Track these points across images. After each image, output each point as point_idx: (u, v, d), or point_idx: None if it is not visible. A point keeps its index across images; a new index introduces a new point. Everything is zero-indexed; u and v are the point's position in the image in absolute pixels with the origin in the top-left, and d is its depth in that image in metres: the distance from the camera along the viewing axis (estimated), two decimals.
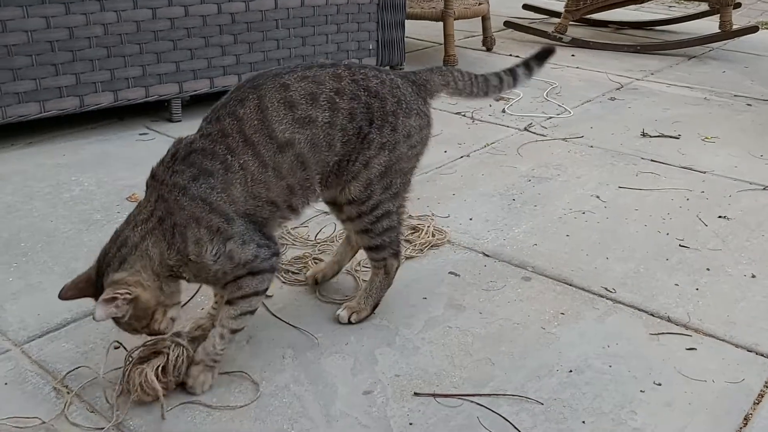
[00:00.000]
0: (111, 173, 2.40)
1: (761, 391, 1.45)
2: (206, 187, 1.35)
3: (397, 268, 1.65)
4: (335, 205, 1.62)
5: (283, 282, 1.79)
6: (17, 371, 1.44)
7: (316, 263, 1.86)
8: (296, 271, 1.83)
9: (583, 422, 1.36)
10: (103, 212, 2.12)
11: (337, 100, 1.44)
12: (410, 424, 1.34)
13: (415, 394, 1.41)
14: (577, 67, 3.97)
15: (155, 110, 2.95)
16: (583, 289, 1.80)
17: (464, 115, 3.10)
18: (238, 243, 1.37)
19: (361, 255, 1.90)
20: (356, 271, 1.83)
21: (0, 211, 2.11)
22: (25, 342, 1.53)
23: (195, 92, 2.87)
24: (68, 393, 1.38)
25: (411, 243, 1.97)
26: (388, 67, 1.45)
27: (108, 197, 2.22)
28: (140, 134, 2.77)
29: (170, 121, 2.88)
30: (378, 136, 1.47)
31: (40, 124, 2.66)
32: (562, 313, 1.70)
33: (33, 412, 1.33)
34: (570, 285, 1.82)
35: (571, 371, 1.49)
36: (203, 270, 1.36)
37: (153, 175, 1.40)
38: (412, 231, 2.04)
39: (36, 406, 1.35)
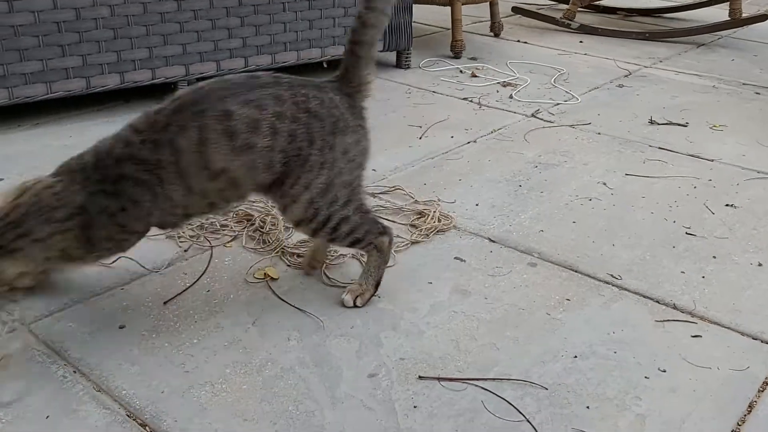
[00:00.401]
0: None
1: (766, 378, 1.45)
2: (132, 217, 1.43)
3: (389, 243, 1.63)
4: None
5: (288, 265, 1.79)
6: (24, 350, 1.45)
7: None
8: (302, 254, 1.82)
9: (588, 407, 1.36)
10: None
11: (278, 125, 1.42)
12: (414, 407, 1.34)
13: (420, 377, 1.42)
14: (585, 54, 3.95)
15: (161, 92, 2.91)
16: (588, 275, 1.80)
17: (471, 101, 3.09)
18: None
19: None
20: (361, 255, 1.83)
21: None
22: (32, 321, 1.54)
23: (201, 75, 2.86)
24: (74, 372, 1.39)
25: (417, 228, 1.97)
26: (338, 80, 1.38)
27: None
28: None
29: None
30: (318, 156, 1.46)
31: (46, 105, 2.66)
32: (568, 299, 1.69)
33: (40, 390, 1.34)
34: (576, 271, 1.82)
35: (576, 357, 1.50)
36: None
37: (83, 168, 1.45)
38: (418, 216, 2.04)
39: (43, 385, 1.36)
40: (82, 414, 1.29)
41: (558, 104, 3.09)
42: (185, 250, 1.83)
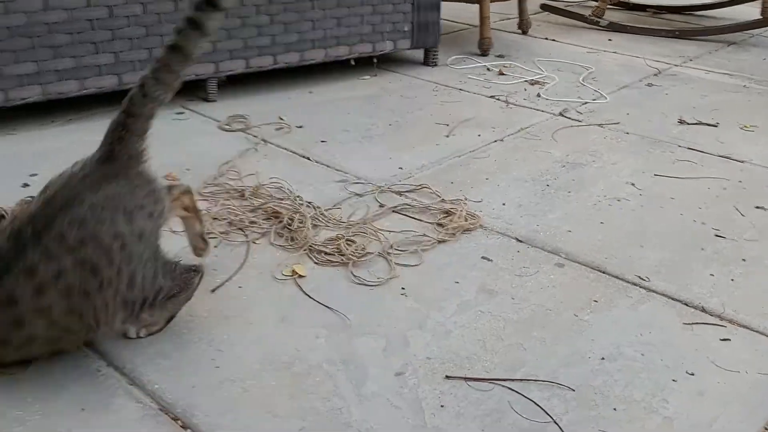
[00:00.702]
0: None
1: None
2: None
3: (200, 279, 1.54)
4: None
5: (316, 263, 1.80)
6: None
7: (349, 245, 1.86)
8: (329, 252, 1.84)
9: (615, 409, 1.36)
10: None
11: (48, 287, 1.29)
12: (441, 406, 1.35)
13: (447, 377, 1.43)
14: (614, 52, 3.92)
15: (191, 90, 2.97)
16: (616, 276, 1.79)
17: (498, 99, 3.09)
18: None
19: (394, 238, 1.91)
20: (388, 253, 1.84)
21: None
22: None
23: (231, 72, 2.89)
24: (108, 366, 1.42)
25: (443, 227, 1.98)
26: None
27: None
28: (176, 113, 2.80)
29: (206, 100, 2.91)
30: (108, 271, 1.33)
31: (78, 101, 2.70)
32: (595, 301, 1.69)
33: (75, 383, 1.37)
34: (603, 272, 1.81)
35: (603, 359, 1.50)
36: None
37: None
38: (445, 215, 2.04)
39: (78, 378, 1.39)
40: (116, 407, 1.32)
41: (586, 103, 3.07)
42: (215, 246, 1.85)
